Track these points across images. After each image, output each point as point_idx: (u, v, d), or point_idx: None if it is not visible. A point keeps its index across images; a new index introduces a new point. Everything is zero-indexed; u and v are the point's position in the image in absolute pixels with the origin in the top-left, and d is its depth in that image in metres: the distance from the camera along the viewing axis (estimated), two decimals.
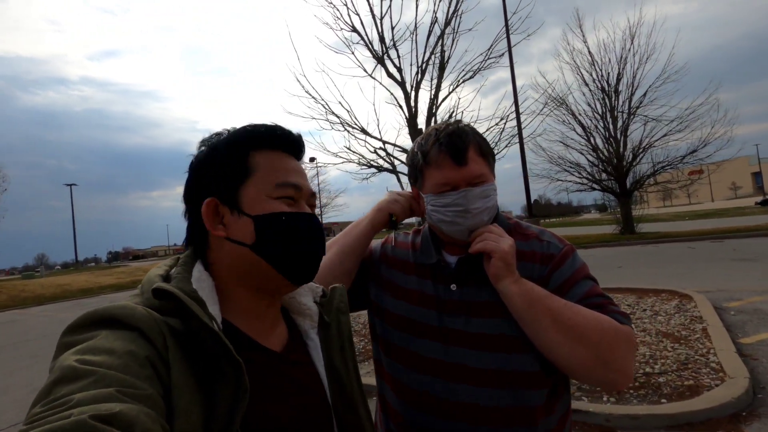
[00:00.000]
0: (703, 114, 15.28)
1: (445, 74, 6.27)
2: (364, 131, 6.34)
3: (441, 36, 6.11)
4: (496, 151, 6.33)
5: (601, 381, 0.88)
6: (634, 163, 17.06)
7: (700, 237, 14.71)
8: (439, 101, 6.16)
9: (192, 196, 0.65)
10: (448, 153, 0.93)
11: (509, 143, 6.44)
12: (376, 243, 1.17)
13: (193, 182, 0.65)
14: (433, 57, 6.16)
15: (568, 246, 0.99)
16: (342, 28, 6.45)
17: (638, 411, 2.99)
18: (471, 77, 6.14)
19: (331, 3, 6.41)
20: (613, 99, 17.02)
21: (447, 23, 6.08)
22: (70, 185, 52.98)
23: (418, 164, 1.00)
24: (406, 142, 6.69)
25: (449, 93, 6.17)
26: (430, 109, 6.27)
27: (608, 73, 16.95)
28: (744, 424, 2.86)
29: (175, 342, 0.48)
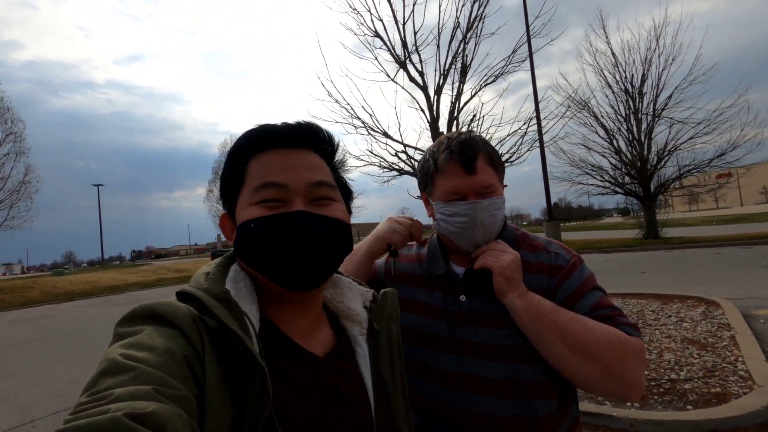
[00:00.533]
0: (732, 116, 14.88)
1: (467, 78, 6.32)
2: (386, 134, 6.44)
3: (463, 40, 6.16)
4: (517, 156, 6.36)
5: (610, 394, 0.89)
6: (658, 167, 16.71)
7: (729, 243, 14.27)
8: (461, 105, 6.20)
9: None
10: (458, 161, 0.95)
11: (531, 147, 6.43)
12: (380, 261, 1.17)
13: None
14: (455, 61, 6.22)
15: (576, 257, 0.99)
16: (365, 33, 6.57)
17: (663, 417, 2.98)
18: (493, 81, 6.17)
19: (355, 9, 6.54)
20: (637, 101, 16.74)
21: (469, 28, 6.13)
22: (98, 186, 54.75)
23: (429, 170, 1.01)
24: (428, 145, 6.74)
25: (471, 97, 6.22)
26: (451, 112, 6.32)
27: (632, 75, 16.70)
28: None
29: (210, 342, 0.49)
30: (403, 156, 6.54)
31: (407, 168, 6.66)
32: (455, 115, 6.19)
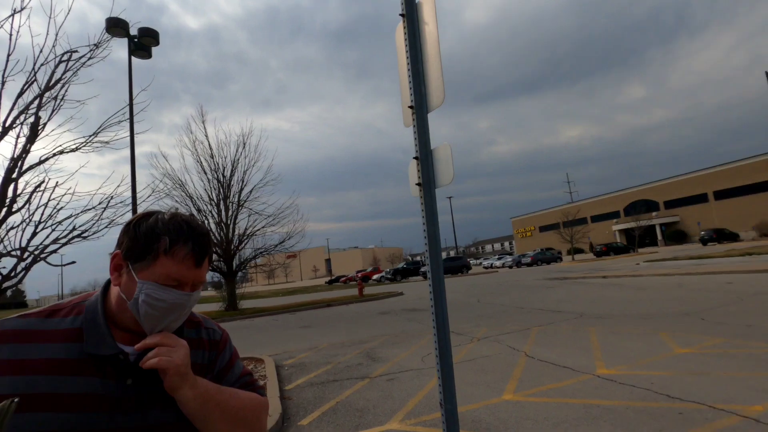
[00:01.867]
0: (289, 214, 20.18)
1: (38, 138, 5.64)
2: None
3: (39, 98, 5.56)
4: (98, 235, 6.05)
5: None
6: (240, 248, 19.73)
7: (283, 311, 18.45)
8: (25, 167, 5.41)
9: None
10: (194, 254, 0.94)
11: (112, 223, 6.30)
12: None
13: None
14: (24, 117, 5.45)
15: (225, 332, 1.17)
16: None
17: None
18: (73, 151, 5.81)
19: None
20: (226, 190, 19.50)
21: (48, 87, 5.64)
22: None
23: (160, 248, 0.92)
24: None
25: (40, 162, 5.54)
26: (10, 171, 5.35)
27: (224, 167, 19.49)
28: None
29: None
30: None
31: None
32: (13, 176, 5.30)
